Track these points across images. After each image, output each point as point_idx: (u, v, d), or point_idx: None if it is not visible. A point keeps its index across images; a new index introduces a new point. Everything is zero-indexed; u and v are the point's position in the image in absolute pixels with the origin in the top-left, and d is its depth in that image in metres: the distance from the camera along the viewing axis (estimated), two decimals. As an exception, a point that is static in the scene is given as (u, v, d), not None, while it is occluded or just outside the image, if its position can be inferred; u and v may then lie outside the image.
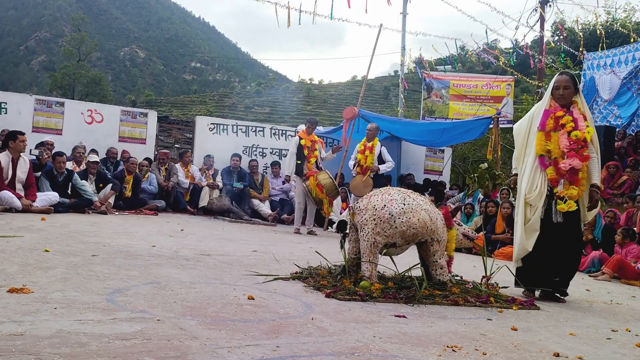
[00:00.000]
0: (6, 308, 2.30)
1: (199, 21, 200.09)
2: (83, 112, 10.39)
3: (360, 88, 11.12)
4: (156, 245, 4.85)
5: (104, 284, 3.01)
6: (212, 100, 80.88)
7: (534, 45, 20.14)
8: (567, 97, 4.15)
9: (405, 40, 16.07)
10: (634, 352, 2.72)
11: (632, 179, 10.07)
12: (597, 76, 13.62)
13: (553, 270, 4.11)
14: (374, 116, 11.45)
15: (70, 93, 50.28)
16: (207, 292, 3.09)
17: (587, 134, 4.06)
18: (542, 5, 14.93)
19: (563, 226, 4.06)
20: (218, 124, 11.47)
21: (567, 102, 4.16)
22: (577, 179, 4.04)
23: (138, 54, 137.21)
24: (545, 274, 4.12)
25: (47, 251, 3.88)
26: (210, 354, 1.97)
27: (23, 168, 7.15)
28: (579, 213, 4.10)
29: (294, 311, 2.84)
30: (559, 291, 4.16)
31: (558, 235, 4.06)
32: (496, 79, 15.65)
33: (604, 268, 6.52)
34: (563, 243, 4.07)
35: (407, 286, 3.60)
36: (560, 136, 4.08)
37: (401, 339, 2.47)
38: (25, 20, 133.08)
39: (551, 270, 4.11)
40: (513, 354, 2.42)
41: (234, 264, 4.26)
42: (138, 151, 10.31)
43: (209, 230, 7.11)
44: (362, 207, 3.70)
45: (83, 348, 1.89)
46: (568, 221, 4.06)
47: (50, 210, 7.03)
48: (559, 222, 4.04)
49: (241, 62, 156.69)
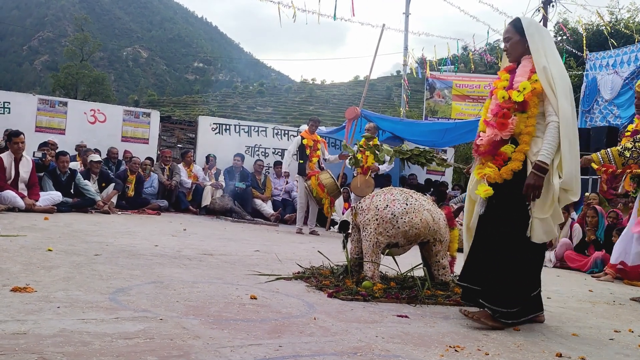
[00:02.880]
0: (9, 307, 2.31)
1: (202, 21, 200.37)
2: (86, 112, 10.42)
3: (362, 88, 11.12)
4: (159, 245, 4.86)
5: (107, 283, 3.02)
6: (215, 100, 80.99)
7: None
8: (514, 50, 3.15)
9: (407, 40, 16.08)
10: (636, 353, 2.72)
11: (634, 180, 10.04)
12: (599, 76, 13.60)
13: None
14: (377, 116, 11.44)
15: (73, 93, 50.36)
16: (209, 291, 3.10)
17: (524, 91, 2.98)
18: (545, 5, 14.90)
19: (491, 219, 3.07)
20: (220, 124, 11.49)
21: (516, 56, 3.16)
22: (498, 155, 3.04)
23: (141, 54, 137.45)
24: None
25: (50, 250, 3.88)
26: (213, 353, 1.97)
27: (26, 167, 7.17)
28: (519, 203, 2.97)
29: (296, 311, 2.84)
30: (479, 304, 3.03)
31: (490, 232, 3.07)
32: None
33: (607, 269, 6.51)
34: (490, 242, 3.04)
35: (409, 286, 3.60)
36: (492, 101, 3.18)
37: (403, 339, 2.47)
38: (28, 20, 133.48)
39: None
40: (516, 354, 2.41)
41: (237, 264, 4.26)
42: (141, 151, 10.33)
43: (211, 230, 7.12)
44: (365, 207, 3.70)
45: (86, 347, 1.89)
46: (497, 212, 3.04)
47: (53, 209, 7.05)
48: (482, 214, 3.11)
49: (244, 62, 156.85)
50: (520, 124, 2.98)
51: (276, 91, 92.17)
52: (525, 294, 3.01)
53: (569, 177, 2.90)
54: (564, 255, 7.32)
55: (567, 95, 2.95)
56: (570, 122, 2.92)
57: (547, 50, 3.03)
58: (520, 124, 2.98)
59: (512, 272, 2.95)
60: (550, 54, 3.03)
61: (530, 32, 3.06)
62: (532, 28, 3.08)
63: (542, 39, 3.06)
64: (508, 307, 2.91)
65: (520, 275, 2.98)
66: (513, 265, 2.95)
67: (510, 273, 2.94)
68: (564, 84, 2.96)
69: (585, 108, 13.84)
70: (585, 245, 7.29)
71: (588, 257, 7.08)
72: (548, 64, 2.98)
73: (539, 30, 3.09)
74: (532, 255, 3.02)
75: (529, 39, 3.04)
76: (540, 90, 2.96)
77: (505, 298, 2.92)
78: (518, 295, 2.96)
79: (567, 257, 7.27)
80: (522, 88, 2.99)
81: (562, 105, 2.91)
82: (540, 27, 3.19)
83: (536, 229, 2.94)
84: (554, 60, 3.02)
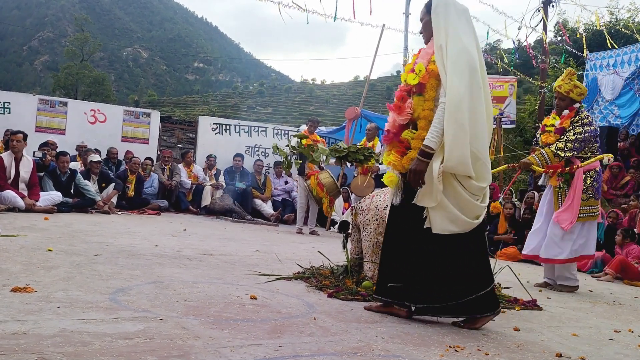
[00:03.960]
0: (10, 307, 2.31)
1: (202, 21, 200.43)
2: (86, 112, 10.42)
3: (362, 88, 11.13)
4: (159, 245, 4.86)
5: (107, 283, 3.02)
6: (215, 100, 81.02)
7: (536, 45, 20.12)
8: (425, 31, 3.01)
9: (407, 40, 16.08)
10: (636, 353, 2.72)
11: (635, 180, 10.05)
12: (599, 76, 13.59)
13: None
14: (377, 116, 11.44)
15: (73, 93, 50.41)
16: (209, 291, 3.10)
17: (419, 73, 2.86)
18: (545, 5, 14.91)
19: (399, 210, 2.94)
20: (220, 124, 11.49)
21: (428, 37, 3.01)
22: (400, 142, 2.92)
23: (141, 54, 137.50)
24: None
25: (50, 251, 3.88)
26: (213, 353, 1.97)
27: (26, 167, 7.17)
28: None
29: (296, 311, 2.84)
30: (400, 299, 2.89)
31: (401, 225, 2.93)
32: (499, 79, 15.63)
33: (607, 269, 6.51)
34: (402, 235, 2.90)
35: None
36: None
37: (403, 339, 2.47)
38: (28, 20, 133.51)
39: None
40: (515, 354, 2.41)
41: (237, 264, 4.26)
42: (141, 151, 10.33)
43: (211, 230, 7.12)
44: (365, 207, 3.70)
45: (86, 347, 1.89)
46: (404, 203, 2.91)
47: (53, 209, 7.05)
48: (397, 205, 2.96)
49: (244, 62, 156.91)
50: (418, 107, 2.86)
51: (276, 91, 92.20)
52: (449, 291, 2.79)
53: (455, 161, 2.72)
54: (564, 255, 7.32)
55: (463, 75, 2.76)
56: (461, 103, 2.73)
57: (449, 28, 2.85)
58: (418, 108, 2.86)
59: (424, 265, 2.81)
60: (452, 32, 2.84)
61: (437, 11, 2.90)
62: (439, 7, 2.90)
63: (446, 17, 2.87)
64: (426, 303, 2.82)
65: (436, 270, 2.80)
66: (426, 259, 2.81)
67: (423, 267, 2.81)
68: (460, 62, 2.77)
69: (585, 108, 13.83)
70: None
71: (588, 257, 7.08)
72: (446, 43, 2.82)
73: (446, 8, 2.90)
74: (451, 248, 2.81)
75: (433, 18, 2.90)
76: (437, 71, 2.81)
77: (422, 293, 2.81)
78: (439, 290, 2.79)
79: (567, 257, 7.27)
80: (418, 70, 2.87)
81: (452, 85, 2.74)
82: (451, 4, 2.93)
83: (433, 219, 2.79)
84: (454, 39, 2.82)
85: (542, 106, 14.53)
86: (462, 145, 2.72)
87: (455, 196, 2.78)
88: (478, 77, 2.80)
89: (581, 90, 4.82)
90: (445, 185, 2.77)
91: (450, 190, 2.78)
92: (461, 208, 2.78)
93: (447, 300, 2.79)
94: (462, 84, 2.74)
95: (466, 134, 2.72)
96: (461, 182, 2.79)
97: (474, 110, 2.76)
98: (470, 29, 2.93)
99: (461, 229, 2.79)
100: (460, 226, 2.79)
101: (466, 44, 2.83)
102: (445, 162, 2.74)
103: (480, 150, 2.78)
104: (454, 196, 2.78)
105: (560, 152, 4.67)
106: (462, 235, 2.80)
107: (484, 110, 2.83)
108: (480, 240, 2.90)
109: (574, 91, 4.80)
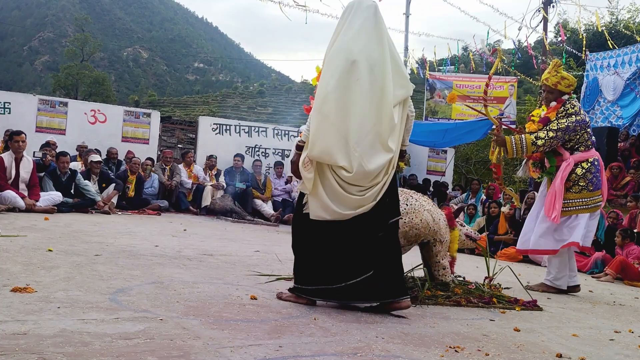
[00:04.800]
0: (10, 307, 2.31)
1: (202, 21, 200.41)
2: (86, 112, 10.42)
3: (363, 88, 11.10)
4: (159, 245, 4.86)
5: (107, 283, 3.02)
6: (215, 100, 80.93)
7: (537, 46, 20.13)
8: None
9: (408, 40, 16.12)
10: (637, 353, 2.72)
11: (635, 180, 10.05)
12: (600, 77, 13.59)
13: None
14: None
15: (74, 93, 50.40)
16: (209, 292, 3.10)
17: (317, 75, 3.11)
18: (545, 6, 14.90)
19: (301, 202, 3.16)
20: (221, 125, 11.49)
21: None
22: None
23: (141, 55, 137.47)
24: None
25: (50, 251, 3.89)
26: (213, 353, 1.97)
27: (26, 168, 7.17)
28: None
29: (296, 311, 2.85)
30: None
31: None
32: (499, 80, 15.62)
33: (607, 269, 6.51)
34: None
35: (409, 286, 3.60)
36: None
37: (404, 340, 2.47)
38: (28, 20, 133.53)
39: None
40: (516, 355, 2.41)
41: (237, 264, 4.26)
42: (141, 151, 10.33)
43: (211, 231, 7.12)
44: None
45: (86, 347, 1.89)
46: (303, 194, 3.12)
47: (53, 210, 7.05)
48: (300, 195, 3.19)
49: (244, 62, 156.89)
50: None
51: (276, 91, 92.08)
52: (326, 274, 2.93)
53: (318, 151, 2.82)
54: (565, 255, 7.31)
55: (336, 71, 2.85)
56: (328, 96, 2.83)
57: (343, 27, 2.94)
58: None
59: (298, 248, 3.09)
60: (343, 32, 2.93)
61: (342, 13, 3.02)
62: (346, 9, 3.00)
63: (344, 18, 2.97)
64: (301, 284, 3.00)
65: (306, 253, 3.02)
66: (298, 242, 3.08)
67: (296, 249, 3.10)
68: (335, 60, 2.88)
69: (585, 108, 13.82)
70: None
71: (588, 257, 7.08)
72: (333, 42, 2.95)
73: (348, 9, 2.98)
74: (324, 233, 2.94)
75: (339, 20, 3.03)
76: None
77: (298, 273, 3.05)
78: (310, 272, 2.98)
79: (568, 258, 7.26)
80: (317, 71, 3.06)
81: (322, 82, 2.90)
82: (355, 5, 2.98)
83: (310, 205, 2.95)
84: (340, 38, 2.93)
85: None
86: (326, 136, 2.81)
87: (329, 185, 2.87)
88: (358, 71, 2.83)
89: (569, 82, 4.60)
90: (321, 175, 2.89)
91: (324, 180, 2.89)
92: (332, 197, 2.87)
93: (334, 283, 2.91)
94: (332, 80, 2.84)
95: (332, 126, 2.81)
96: (335, 172, 2.86)
97: (348, 102, 2.81)
98: (370, 24, 2.93)
99: (333, 217, 2.89)
100: (331, 215, 2.88)
101: (348, 40, 2.89)
102: (308, 152, 2.86)
103: (356, 141, 2.80)
104: (327, 185, 2.88)
105: (538, 141, 4.46)
106: (350, 222, 2.88)
107: (364, 102, 2.83)
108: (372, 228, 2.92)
109: (562, 83, 4.58)
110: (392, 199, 3.00)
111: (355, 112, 2.81)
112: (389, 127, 2.85)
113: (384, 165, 2.85)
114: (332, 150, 2.80)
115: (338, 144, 2.80)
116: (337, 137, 2.80)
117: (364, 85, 2.83)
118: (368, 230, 2.91)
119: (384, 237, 2.96)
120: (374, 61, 2.86)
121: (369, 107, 2.83)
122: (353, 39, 2.89)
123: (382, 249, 2.95)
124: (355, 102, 2.82)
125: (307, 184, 2.90)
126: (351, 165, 2.80)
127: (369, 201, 2.87)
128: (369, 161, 2.80)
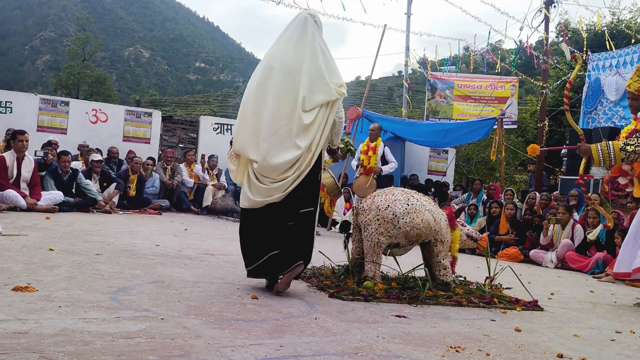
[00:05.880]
0: (11, 306, 2.31)
1: (203, 21, 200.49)
2: (88, 111, 10.45)
3: (364, 88, 11.12)
4: (160, 245, 4.87)
5: (108, 282, 3.02)
6: (216, 100, 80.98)
7: (538, 46, 20.10)
8: None
9: (409, 40, 16.10)
10: (638, 354, 2.72)
11: (636, 181, 10.02)
12: (602, 77, 13.57)
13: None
14: (378, 116, 11.44)
15: (75, 93, 50.42)
16: (210, 291, 3.10)
17: None
18: (547, 6, 14.89)
19: None
20: (222, 124, 11.51)
21: None
22: None
23: (142, 54, 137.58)
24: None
25: (51, 250, 3.89)
26: (214, 352, 1.97)
27: (28, 167, 7.18)
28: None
29: (297, 311, 2.85)
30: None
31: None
32: (500, 80, 15.62)
33: (608, 269, 6.50)
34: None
35: (410, 287, 3.60)
36: None
37: (404, 340, 2.47)
38: (30, 19, 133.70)
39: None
40: (516, 355, 2.41)
41: (238, 264, 4.26)
42: (142, 151, 10.36)
43: (212, 230, 7.12)
44: (366, 207, 3.70)
45: (87, 346, 1.89)
46: None
47: (54, 209, 7.06)
48: None
49: (245, 62, 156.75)
50: None
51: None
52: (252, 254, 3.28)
53: (239, 145, 3.25)
54: (565, 256, 7.32)
55: (256, 76, 3.27)
56: (248, 98, 3.24)
57: (279, 38, 3.35)
58: None
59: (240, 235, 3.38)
60: (275, 42, 3.35)
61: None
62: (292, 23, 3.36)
63: (284, 31, 3.36)
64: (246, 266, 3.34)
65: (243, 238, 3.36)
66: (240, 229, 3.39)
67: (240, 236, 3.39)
68: (260, 66, 3.28)
69: (588, 109, 13.81)
70: (587, 246, 7.28)
71: (589, 258, 7.07)
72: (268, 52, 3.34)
73: (291, 23, 3.35)
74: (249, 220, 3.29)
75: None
76: None
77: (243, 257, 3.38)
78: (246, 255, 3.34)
79: (569, 258, 7.27)
80: None
81: (248, 84, 3.33)
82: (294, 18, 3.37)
83: (240, 195, 3.35)
84: (272, 46, 3.34)
85: (544, 107, 14.50)
86: (243, 133, 3.25)
87: (247, 176, 3.26)
88: (275, 75, 3.19)
89: None
90: (246, 168, 3.28)
91: (246, 172, 3.28)
92: (251, 187, 3.23)
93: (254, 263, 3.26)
94: (253, 83, 3.26)
95: (248, 124, 3.22)
96: (252, 165, 3.22)
97: (263, 104, 3.18)
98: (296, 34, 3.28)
99: (251, 205, 3.22)
100: (250, 203, 3.22)
101: (275, 49, 3.29)
102: (232, 147, 3.33)
103: (263, 138, 3.14)
104: (247, 176, 3.26)
105: (627, 147, 4.12)
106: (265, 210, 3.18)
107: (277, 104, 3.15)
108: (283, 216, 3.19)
109: None
110: (307, 192, 3.24)
111: (268, 113, 3.15)
112: (299, 128, 3.14)
113: (291, 160, 3.14)
114: (246, 145, 3.22)
115: (251, 140, 3.19)
116: (250, 134, 3.20)
117: (278, 89, 3.17)
118: (279, 218, 3.18)
119: (296, 225, 3.21)
120: (290, 68, 3.18)
121: (281, 108, 3.15)
122: (278, 48, 3.29)
123: (292, 234, 3.20)
124: (269, 104, 3.16)
125: (231, 174, 3.38)
126: (257, 158, 3.16)
127: (279, 192, 3.16)
128: (275, 156, 3.12)
